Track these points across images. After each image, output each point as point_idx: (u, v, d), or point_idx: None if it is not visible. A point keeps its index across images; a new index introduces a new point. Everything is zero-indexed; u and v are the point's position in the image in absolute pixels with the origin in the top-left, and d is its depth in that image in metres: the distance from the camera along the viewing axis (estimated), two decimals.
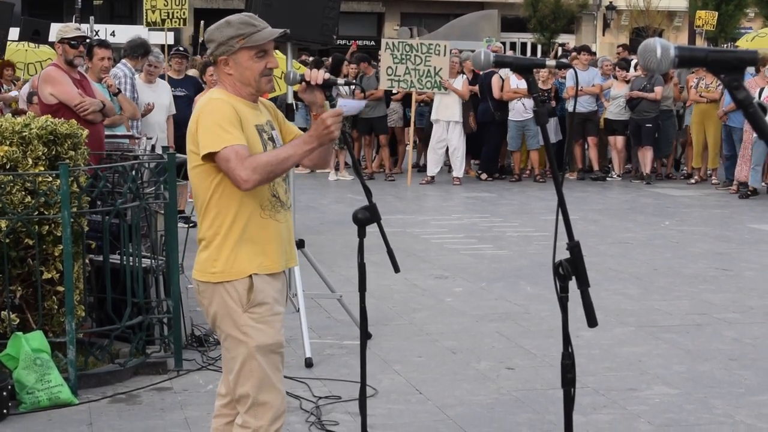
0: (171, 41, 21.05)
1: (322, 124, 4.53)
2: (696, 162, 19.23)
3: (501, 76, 19.29)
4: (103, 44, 10.30)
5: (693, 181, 19.20)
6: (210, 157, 4.50)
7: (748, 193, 17.09)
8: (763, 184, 17.58)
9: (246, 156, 4.45)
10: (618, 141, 19.51)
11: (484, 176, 19.80)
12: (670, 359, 7.76)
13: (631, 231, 13.79)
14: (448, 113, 18.87)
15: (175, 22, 18.09)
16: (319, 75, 4.79)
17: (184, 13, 17.99)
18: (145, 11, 18.03)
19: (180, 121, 13.29)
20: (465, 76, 19.17)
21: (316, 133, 4.54)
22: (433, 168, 19.30)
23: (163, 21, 17.95)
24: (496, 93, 19.26)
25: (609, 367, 7.53)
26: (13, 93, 17.62)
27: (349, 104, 4.75)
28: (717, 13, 27.77)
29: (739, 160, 17.42)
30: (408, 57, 18.45)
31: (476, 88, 19.57)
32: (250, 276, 4.58)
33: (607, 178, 19.76)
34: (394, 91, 19.66)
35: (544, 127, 4.00)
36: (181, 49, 15.99)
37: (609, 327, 8.61)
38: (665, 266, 11.32)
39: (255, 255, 4.61)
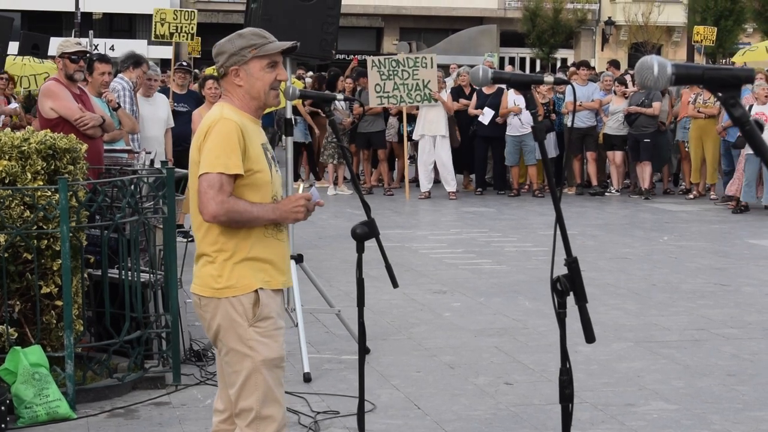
0: (170, 55, 21.07)
1: (292, 201, 4.62)
2: (694, 177, 19.22)
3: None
4: (103, 59, 10.31)
5: (691, 196, 19.19)
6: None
7: (741, 208, 17.10)
8: (757, 198, 17.53)
9: (228, 191, 4.51)
10: (617, 156, 19.51)
11: (479, 191, 19.83)
12: (669, 375, 7.76)
13: (629, 246, 13.80)
14: (433, 128, 18.90)
15: (183, 36, 18.13)
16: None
17: (192, 28, 18.03)
18: (154, 24, 18.06)
19: (181, 136, 13.30)
20: (448, 92, 19.23)
21: (284, 208, 4.62)
22: (425, 184, 19.33)
23: (171, 35, 17.99)
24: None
25: (607, 383, 7.53)
26: (13, 106, 17.63)
27: (315, 194, 4.80)
28: (716, 28, 27.77)
29: (736, 175, 17.44)
30: (395, 72, 18.46)
31: (474, 103, 19.60)
32: (256, 290, 4.60)
33: (606, 193, 19.76)
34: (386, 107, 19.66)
35: (542, 143, 4.01)
36: (184, 63, 16.00)
37: (607, 342, 8.61)
38: (663, 281, 11.32)
39: (258, 272, 4.63)
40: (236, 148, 4.53)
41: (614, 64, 22.49)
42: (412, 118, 19.44)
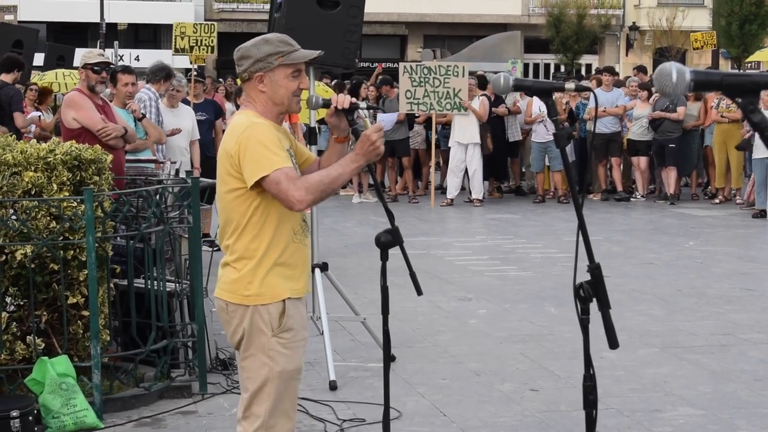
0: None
1: (367, 141, 4.61)
2: (719, 182, 19.17)
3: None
4: (126, 70, 10.36)
5: (717, 201, 19.14)
6: (257, 182, 4.53)
7: (761, 213, 16.97)
8: None
9: (296, 177, 4.52)
10: (641, 161, 19.48)
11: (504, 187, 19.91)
12: (695, 380, 7.74)
13: (655, 252, 13.76)
14: (467, 135, 18.92)
15: (203, 49, 18.17)
16: (346, 99, 4.84)
17: (212, 41, 18.08)
18: (174, 38, 18.11)
19: (202, 145, 13.39)
20: (480, 98, 19.21)
21: (363, 150, 4.62)
22: (452, 191, 19.33)
23: (192, 48, 18.04)
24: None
25: (633, 389, 7.51)
26: (37, 114, 17.53)
27: (386, 119, 4.79)
28: (714, 32, 27.47)
29: (749, 181, 17.41)
30: (426, 80, 18.51)
31: (502, 109, 19.65)
32: (284, 300, 4.63)
33: (631, 199, 19.73)
34: (416, 114, 19.72)
35: (564, 150, 4.01)
36: (195, 73, 16.04)
37: (633, 348, 8.59)
38: (689, 287, 11.29)
39: (287, 279, 4.65)
40: (276, 144, 4.56)
41: (642, 69, 22.40)
42: (431, 125, 19.51)
